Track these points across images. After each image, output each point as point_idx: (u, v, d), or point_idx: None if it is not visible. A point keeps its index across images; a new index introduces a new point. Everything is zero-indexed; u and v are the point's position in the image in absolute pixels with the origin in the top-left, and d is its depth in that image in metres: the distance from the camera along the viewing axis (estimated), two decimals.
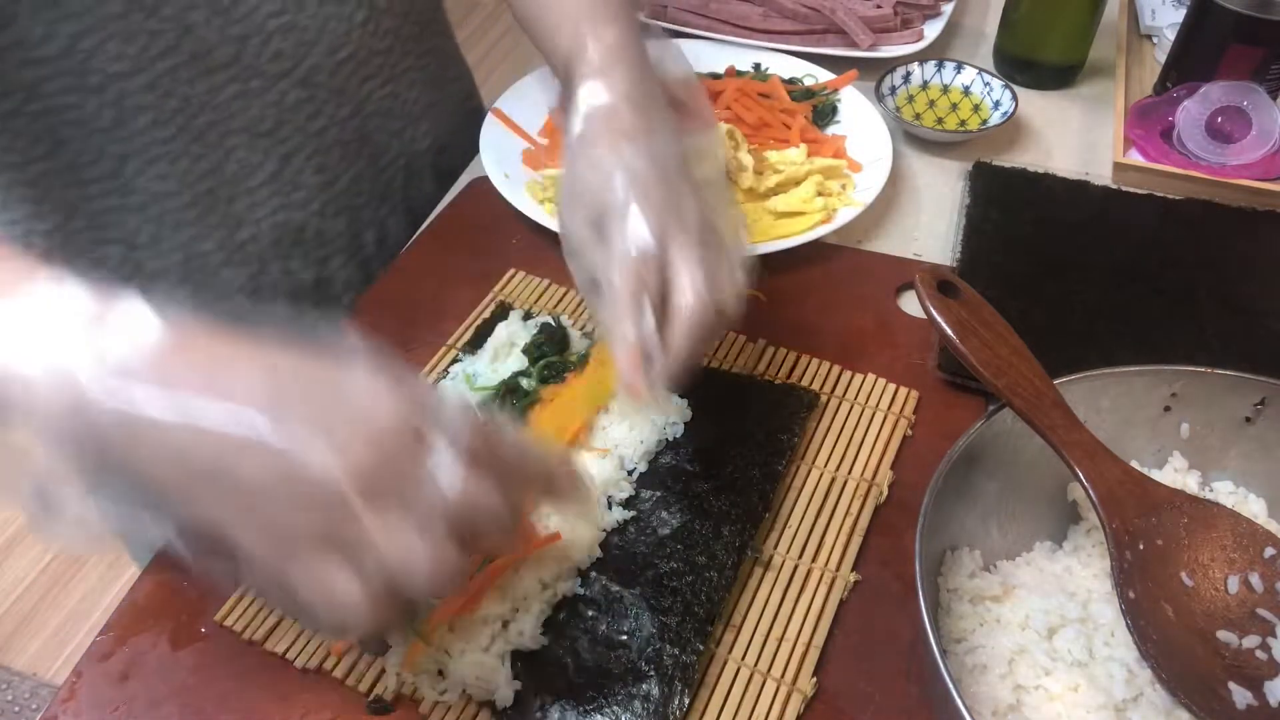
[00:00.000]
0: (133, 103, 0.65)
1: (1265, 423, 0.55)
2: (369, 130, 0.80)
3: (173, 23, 0.63)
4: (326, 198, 0.79)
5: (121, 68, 0.63)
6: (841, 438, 0.65)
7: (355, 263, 0.84)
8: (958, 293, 0.53)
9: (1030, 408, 0.50)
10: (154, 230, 0.72)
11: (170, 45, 0.64)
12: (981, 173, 0.84)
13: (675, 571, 0.56)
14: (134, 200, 0.70)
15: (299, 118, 0.73)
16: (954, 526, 0.53)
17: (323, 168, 0.77)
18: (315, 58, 0.71)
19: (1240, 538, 0.50)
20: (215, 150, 0.70)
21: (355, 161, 0.80)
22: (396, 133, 0.83)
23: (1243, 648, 0.46)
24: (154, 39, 0.63)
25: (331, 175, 0.78)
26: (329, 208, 0.79)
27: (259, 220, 0.76)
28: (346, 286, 0.84)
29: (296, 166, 0.75)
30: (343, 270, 0.83)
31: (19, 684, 1.62)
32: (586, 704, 0.51)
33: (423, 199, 0.89)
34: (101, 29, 0.61)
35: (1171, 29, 0.95)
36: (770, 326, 0.72)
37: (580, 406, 0.61)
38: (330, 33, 0.72)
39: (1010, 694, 0.48)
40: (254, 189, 0.74)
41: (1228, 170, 0.83)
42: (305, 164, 0.76)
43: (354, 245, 0.83)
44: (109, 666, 0.55)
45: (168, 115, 0.66)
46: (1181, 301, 0.72)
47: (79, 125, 0.64)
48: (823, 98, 0.92)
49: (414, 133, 0.85)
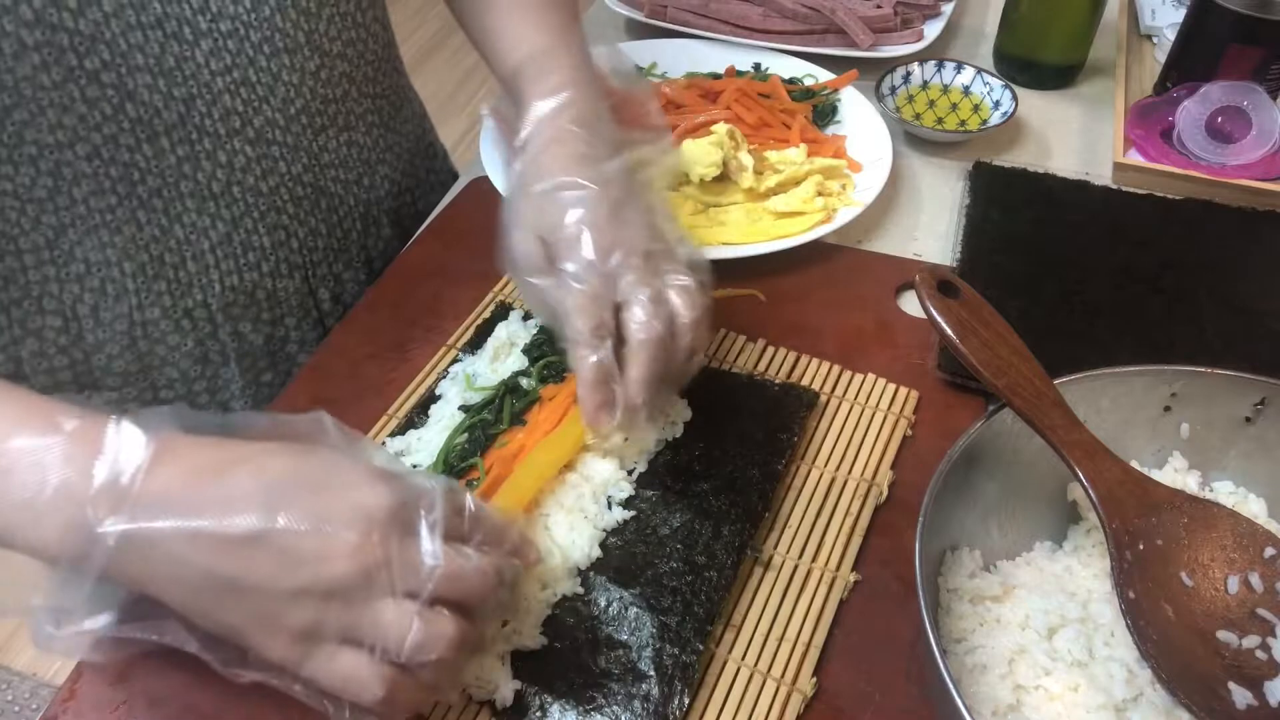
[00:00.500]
0: (71, 172, 0.62)
1: (1265, 423, 0.55)
2: (324, 183, 0.76)
3: (114, 89, 0.60)
4: (279, 257, 0.75)
5: (59, 138, 0.60)
6: (841, 438, 0.65)
7: (309, 321, 0.81)
8: (958, 293, 0.53)
9: (1030, 408, 0.50)
10: (95, 300, 0.69)
11: (111, 112, 0.61)
12: (981, 173, 0.84)
13: (675, 571, 0.56)
14: (74, 270, 0.67)
15: (250, 177, 0.70)
16: (954, 526, 0.53)
17: (276, 226, 0.74)
18: (267, 112, 0.68)
19: (1240, 538, 0.50)
20: (161, 216, 0.67)
21: (309, 218, 0.76)
22: (353, 182, 0.79)
23: (1243, 648, 0.46)
24: (93, 107, 0.60)
25: (285, 234, 0.75)
26: (282, 267, 0.76)
27: (208, 285, 0.72)
28: (300, 345, 0.81)
29: (248, 228, 0.72)
30: (296, 330, 0.80)
31: (19, 684, 1.62)
32: (586, 704, 0.51)
33: (381, 247, 0.85)
34: (36, 100, 0.58)
35: (1171, 29, 0.95)
36: (770, 326, 0.72)
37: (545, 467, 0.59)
38: (283, 84, 0.68)
39: (1010, 694, 0.48)
40: (203, 253, 0.71)
41: (1228, 170, 0.83)
42: (257, 224, 0.72)
43: (308, 304, 0.80)
44: (109, 666, 0.55)
45: (110, 184, 0.64)
46: (1181, 301, 0.72)
47: (13, 196, 0.62)
48: (823, 98, 0.92)
49: (371, 180, 0.81)
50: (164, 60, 0.61)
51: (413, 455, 0.62)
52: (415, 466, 0.62)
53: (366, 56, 0.77)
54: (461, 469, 0.60)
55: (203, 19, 0.62)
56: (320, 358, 0.73)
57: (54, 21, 0.56)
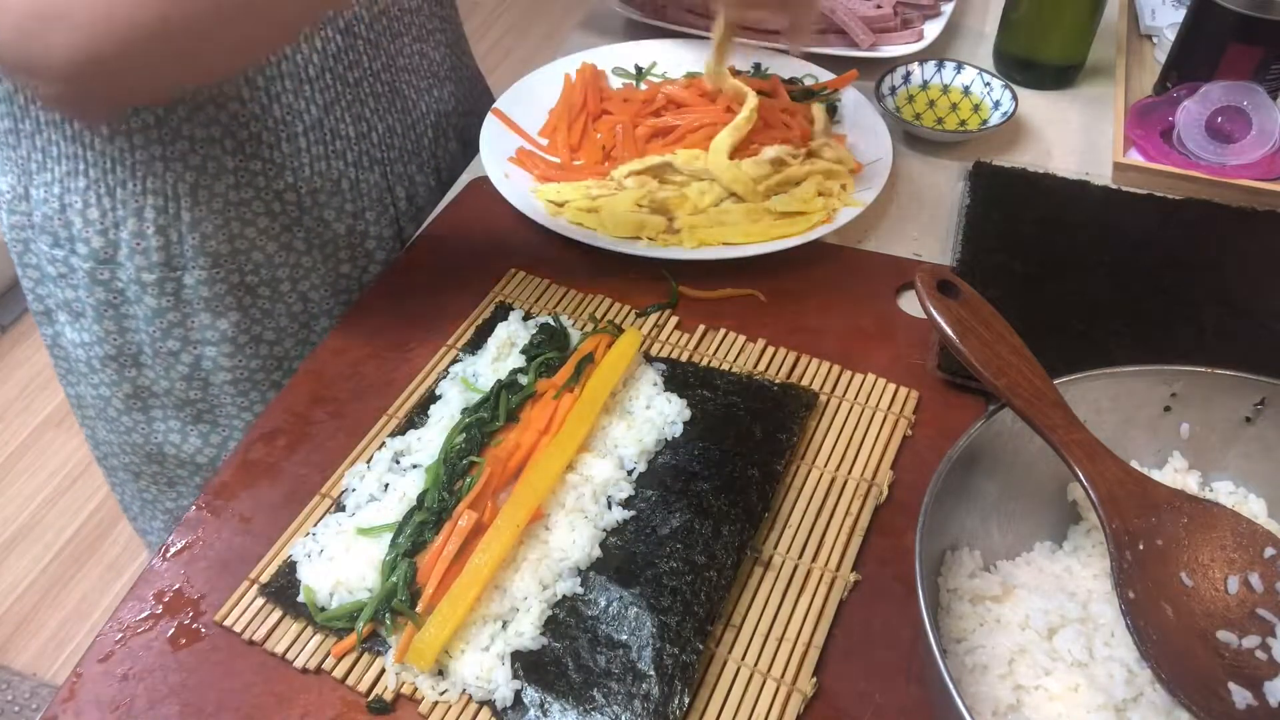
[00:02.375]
0: None
1: (1265, 423, 0.55)
2: (400, 85, 0.82)
3: None
4: (361, 149, 0.81)
5: None
6: (841, 438, 0.65)
7: (386, 218, 0.86)
8: (958, 293, 0.53)
9: (1030, 408, 0.50)
10: (195, 178, 0.73)
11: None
12: (981, 173, 0.84)
13: (675, 571, 0.56)
14: (178, 148, 0.71)
15: (339, 66, 0.75)
16: (954, 526, 0.53)
17: (359, 118, 0.79)
18: (356, 7, 0.74)
19: (1240, 538, 0.50)
20: (262, 94, 0.72)
21: (387, 114, 0.82)
22: (425, 90, 0.86)
23: (1243, 648, 0.46)
24: None
25: (366, 126, 0.80)
26: (364, 159, 0.81)
27: (299, 169, 0.77)
28: (378, 242, 0.86)
29: (337, 115, 0.77)
30: (375, 225, 0.85)
31: (19, 684, 1.62)
32: (586, 704, 0.51)
33: (449, 160, 0.91)
34: None
35: (1171, 29, 0.95)
36: (770, 326, 0.72)
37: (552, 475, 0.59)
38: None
39: (1010, 694, 0.48)
40: (296, 136, 0.76)
41: (1228, 170, 0.83)
42: (344, 113, 0.78)
43: (386, 199, 0.85)
44: (109, 666, 0.55)
45: None
46: (1181, 301, 0.72)
47: None
48: (823, 98, 0.92)
49: (440, 93, 0.88)
50: None
51: (413, 455, 0.63)
52: (415, 466, 0.62)
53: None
54: (461, 467, 0.60)
55: None
56: (320, 358, 0.73)
57: None
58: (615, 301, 0.75)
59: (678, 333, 0.72)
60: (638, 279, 0.76)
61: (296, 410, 0.69)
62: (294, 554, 0.58)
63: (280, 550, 0.60)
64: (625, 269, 0.77)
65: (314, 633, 0.56)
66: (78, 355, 0.82)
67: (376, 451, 0.63)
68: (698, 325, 0.73)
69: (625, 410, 0.65)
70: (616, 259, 0.76)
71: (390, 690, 0.53)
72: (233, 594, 0.58)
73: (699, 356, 0.70)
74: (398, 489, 0.60)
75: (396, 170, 0.85)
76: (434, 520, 0.57)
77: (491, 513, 0.57)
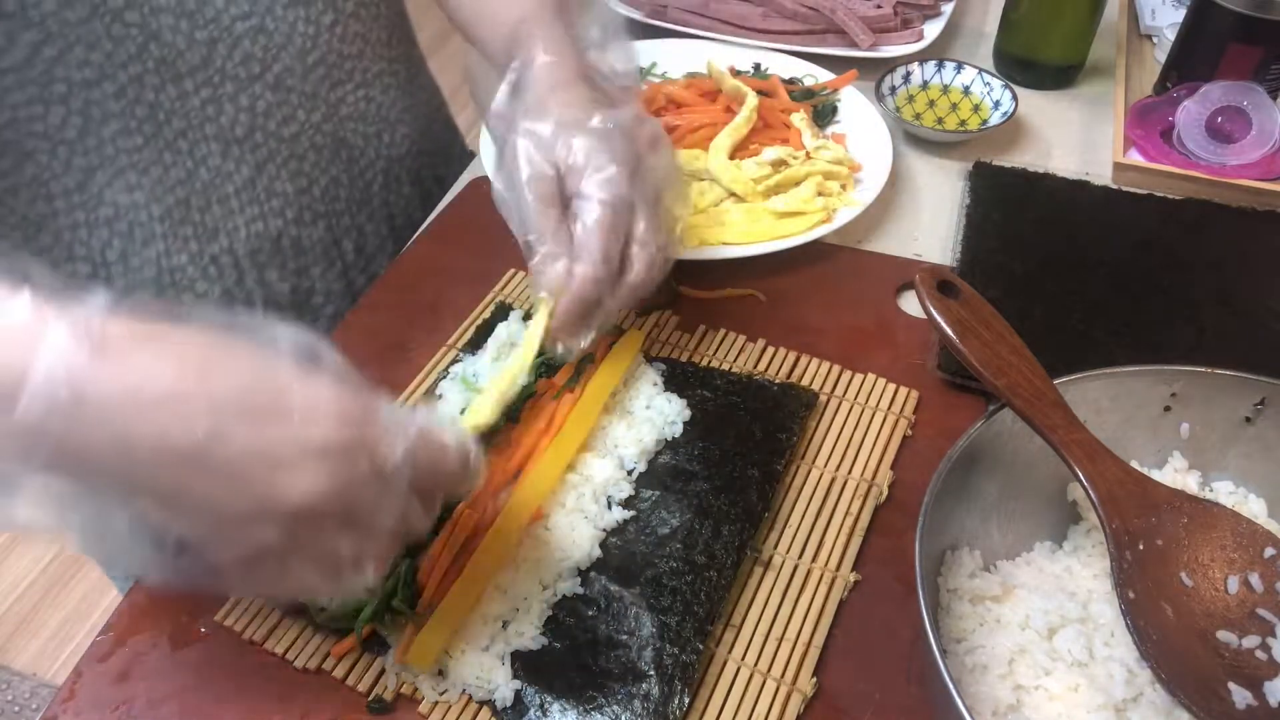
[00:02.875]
0: (100, 111, 0.63)
1: (1265, 423, 0.55)
2: (344, 134, 0.79)
3: (138, 28, 0.62)
4: (303, 204, 0.78)
5: (87, 75, 0.62)
6: (841, 438, 0.65)
7: (334, 271, 0.83)
8: (958, 293, 0.53)
9: (1030, 408, 0.50)
10: (124, 245, 0.70)
11: (136, 51, 0.63)
12: (981, 173, 0.84)
13: (675, 571, 0.56)
14: (103, 214, 0.68)
15: (272, 123, 0.72)
16: (954, 526, 0.53)
17: (298, 173, 0.76)
18: (285, 61, 0.71)
19: (1240, 538, 0.50)
20: (187, 158, 0.69)
21: (331, 167, 0.79)
22: (373, 136, 0.82)
23: (1243, 648, 0.46)
24: (119, 45, 0.62)
25: (307, 181, 0.77)
26: (305, 214, 0.78)
27: (234, 230, 0.74)
28: (327, 297, 0.83)
29: (271, 173, 0.74)
30: (322, 280, 0.82)
31: (19, 684, 1.62)
32: (586, 704, 0.51)
33: (402, 205, 0.88)
34: (64, 36, 0.60)
35: (1171, 29, 0.95)
36: (770, 326, 0.72)
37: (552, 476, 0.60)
38: (299, 35, 0.71)
39: (1010, 694, 0.48)
40: (228, 197, 0.72)
41: (1228, 170, 0.83)
42: (280, 170, 0.75)
43: (332, 253, 0.82)
44: (109, 666, 0.55)
45: (136, 123, 0.65)
46: (1181, 301, 0.72)
47: (44, 137, 0.63)
48: (823, 98, 0.92)
49: (391, 137, 0.84)
50: (185, 2, 0.64)
51: None
52: None
53: (380, 20, 0.80)
54: None
55: None
56: None
57: None
58: None
59: (678, 333, 0.72)
60: None
61: None
62: None
63: None
64: None
65: (314, 633, 0.56)
66: None
67: None
68: (698, 325, 0.73)
69: (625, 410, 0.65)
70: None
71: (390, 690, 0.53)
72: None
73: (699, 356, 0.70)
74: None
75: (343, 223, 0.82)
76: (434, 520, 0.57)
77: (491, 513, 0.57)
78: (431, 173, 0.91)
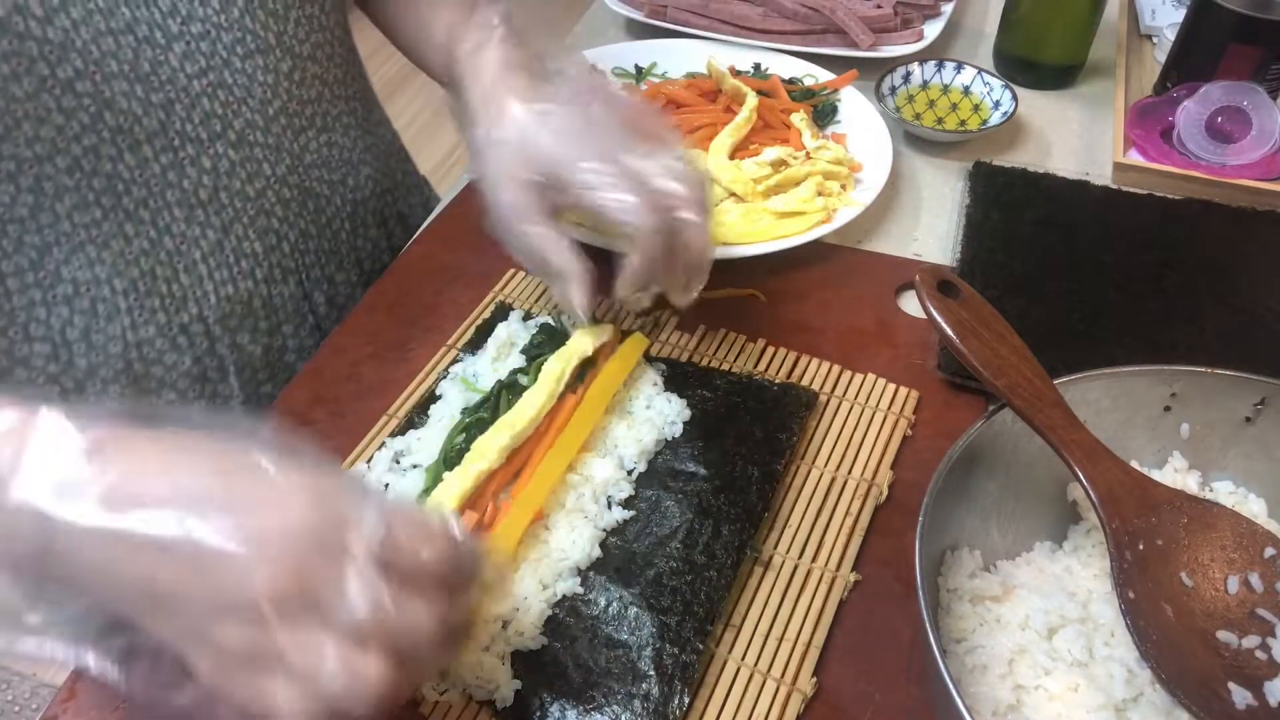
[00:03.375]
0: (53, 186, 0.61)
1: (1265, 423, 0.55)
2: (309, 184, 0.76)
3: (90, 97, 0.59)
4: (272, 262, 0.75)
5: (38, 151, 0.59)
6: (841, 438, 0.65)
7: (306, 327, 0.80)
8: (958, 293, 0.53)
9: (1030, 408, 0.50)
10: (85, 323, 0.67)
11: (89, 121, 0.60)
12: (981, 173, 0.84)
13: (675, 571, 0.56)
14: (61, 291, 0.65)
15: (236, 182, 0.69)
16: (954, 526, 0.53)
17: (266, 230, 0.73)
18: (246, 114, 0.68)
19: (1240, 538, 0.50)
20: (150, 228, 0.66)
21: (299, 220, 0.76)
22: (338, 182, 0.79)
23: (1243, 648, 0.46)
24: (70, 117, 0.59)
25: (276, 238, 0.74)
26: (275, 272, 0.75)
27: (203, 297, 0.71)
28: (299, 354, 0.80)
29: (238, 234, 0.71)
30: (294, 338, 0.79)
31: (19, 684, 1.62)
32: (586, 704, 0.51)
33: (369, 249, 0.85)
34: (10, 112, 0.57)
35: (1171, 29, 0.95)
36: (770, 326, 0.72)
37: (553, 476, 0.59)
38: (259, 85, 0.68)
39: (1010, 694, 0.48)
40: (195, 264, 0.70)
41: (1228, 170, 0.83)
42: (247, 229, 0.72)
43: (304, 309, 0.79)
44: None
45: (94, 195, 0.63)
46: (1181, 301, 0.72)
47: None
48: (823, 98, 0.92)
49: (355, 179, 0.81)
50: (139, 66, 0.60)
51: (413, 455, 0.62)
52: (416, 466, 0.62)
53: (335, 59, 0.77)
54: None
55: (173, 22, 0.62)
56: (320, 358, 0.73)
57: (20, 30, 0.55)
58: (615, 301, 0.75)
59: (678, 333, 0.72)
60: None
61: (296, 411, 0.69)
62: None
63: None
64: None
65: None
66: None
67: (376, 452, 0.63)
68: (698, 325, 0.73)
69: (625, 410, 0.65)
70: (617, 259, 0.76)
71: None
72: None
73: (699, 356, 0.70)
74: (397, 489, 0.60)
75: (314, 275, 0.79)
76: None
77: (492, 513, 0.57)
78: (394, 210, 0.89)
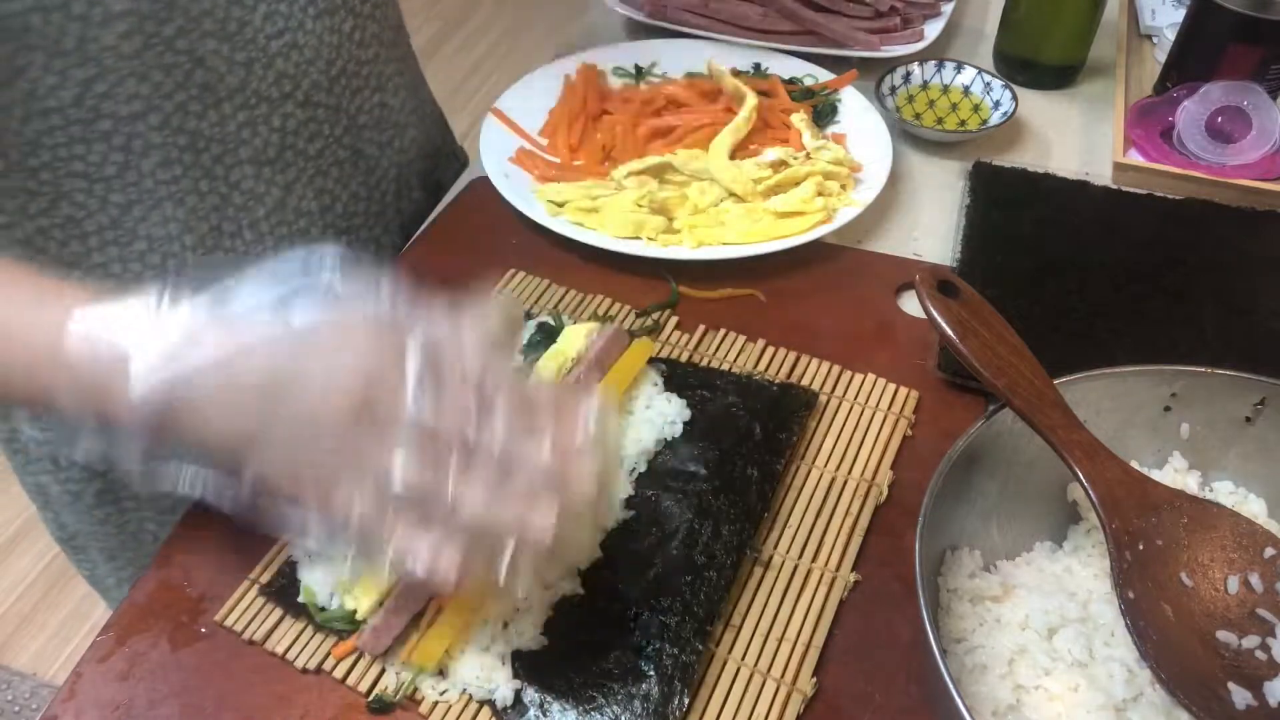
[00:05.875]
0: (141, 144, 0.62)
1: (1265, 423, 0.55)
2: (361, 145, 0.78)
3: (186, 55, 0.61)
4: (326, 222, 0.77)
5: (134, 109, 0.61)
6: (841, 437, 0.65)
7: None
8: (958, 293, 0.53)
9: (1030, 408, 0.50)
10: (156, 275, 0.68)
11: (182, 79, 0.62)
12: (981, 173, 0.84)
13: (675, 571, 0.56)
14: (135, 248, 0.67)
15: (300, 140, 0.72)
16: (954, 526, 0.53)
17: (322, 191, 0.76)
18: (313, 75, 0.70)
19: (1240, 538, 0.50)
20: (221, 184, 0.68)
21: (350, 180, 0.78)
22: (386, 144, 0.82)
23: (1242, 648, 0.46)
24: (168, 74, 0.61)
25: (330, 198, 0.77)
26: (329, 232, 0.78)
27: (263, 254, 0.69)
28: None
29: (298, 192, 0.74)
30: None
31: (19, 684, 1.62)
32: (586, 704, 0.51)
33: (413, 210, 0.87)
34: (117, 69, 0.58)
35: (1171, 29, 0.95)
36: (770, 326, 0.72)
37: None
38: (326, 46, 0.70)
39: (1010, 694, 0.48)
40: (258, 221, 0.72)
41: (1228, 170, 0.83)
42: (306, 188, 0.74)
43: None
44: (109, 666, 0.55)
45: (176, 153, 0.64)
46: (1181, 301, 0.72)
47: (83, 176, 0.62)
48: (823, 98, 0.92)
49: (401, 142, 0.84)
50: (227, 24, 0.63)
51: None
52: None
53: (389, 19, 0.79)
54: None
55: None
56: None
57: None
58: (615, 301, 0.75)
59: (678, 333, 0.72)
60: (638, 279, 0.76)
61: None
62: (294, 554, 0.58)
63: (280, 550, 0.60)
64: (625, 269, 0.77)
65: (314, 633, 0.56)
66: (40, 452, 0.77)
67: None
68: (698, 325, 0.73)
69: (625, 410, 0.65)
70: (616, 259, 0.76)
71: (391, 690, 0.53)
72: (233, 594, 0.58)
73: (699, 356, 0.70)
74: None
75: (361, 236, 0.82)
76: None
77: None
78: (433, 177, 0.90)
